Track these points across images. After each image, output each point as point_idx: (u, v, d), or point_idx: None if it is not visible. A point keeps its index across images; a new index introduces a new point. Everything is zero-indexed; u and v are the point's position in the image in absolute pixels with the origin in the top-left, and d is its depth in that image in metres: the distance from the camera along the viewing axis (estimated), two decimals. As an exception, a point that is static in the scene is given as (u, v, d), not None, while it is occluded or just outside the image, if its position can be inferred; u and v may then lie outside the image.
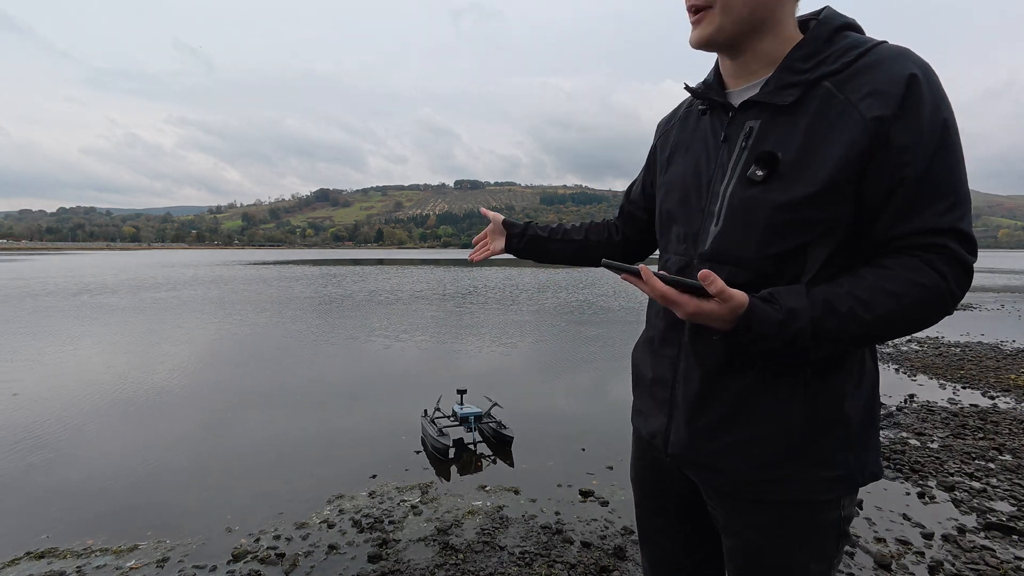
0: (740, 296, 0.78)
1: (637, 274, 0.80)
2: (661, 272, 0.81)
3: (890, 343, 8.81)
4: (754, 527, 0.95)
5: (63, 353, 8.07)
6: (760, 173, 0.85)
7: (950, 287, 0.79)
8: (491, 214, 1.45)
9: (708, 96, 0.98)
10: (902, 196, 0.79)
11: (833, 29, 0.87)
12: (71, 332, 9.90)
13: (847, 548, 2.78)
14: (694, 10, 0.89)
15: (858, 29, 0.88)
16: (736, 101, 0.93)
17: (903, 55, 0.81)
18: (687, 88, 1.04)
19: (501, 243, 1.42)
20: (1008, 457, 3.95)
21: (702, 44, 0.91)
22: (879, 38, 0.85)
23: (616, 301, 15.14)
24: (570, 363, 7.69)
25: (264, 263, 46.76)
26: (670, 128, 1.12)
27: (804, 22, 0.92)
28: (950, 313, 0.82)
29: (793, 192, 0.83)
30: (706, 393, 0.94)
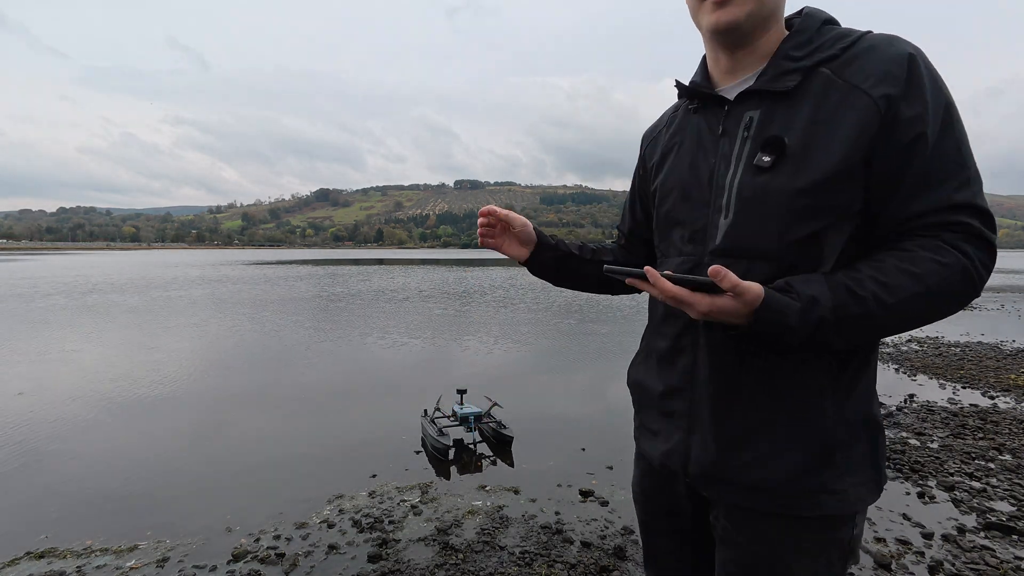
0: (755, 288, 0.75)
1: (643, 276, 0.77)
2: (667, 272, 0.77)
3: (890, 343, 8.81)
4: (763, 541, 0.89)
5: (71, 352, 8.07)
6: (767, 159, 0.83)
7: (974, 265, 0.75)
8: (518, 218, 1.15)
9: (700, 92, 0.96)
10: (916, 172, 0.77)
11: (820, 22, 0.88)
12: (81, 331, 9.91)
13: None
14: None
15: (838, 24, 0.90)
16: (731, 95, 0.91)
17: (896, 39, 0.81)
18: (678, 84, 1.01)
19: (521, 251, 1.18)
20: (1008, 457, 3.96)
21: (731, 26, 0.86)
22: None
23: (617, 300, 15.14)
24: (570, 363, 7.69)
25: (266, 263, 46.76)
26: (657, 135, 1.10)
27: (788, 20, 0.93)
28: (977, 294, 0.78)
29: (805, 176, 0.81)
30: (732, 400, 0.88)
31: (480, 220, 1.16)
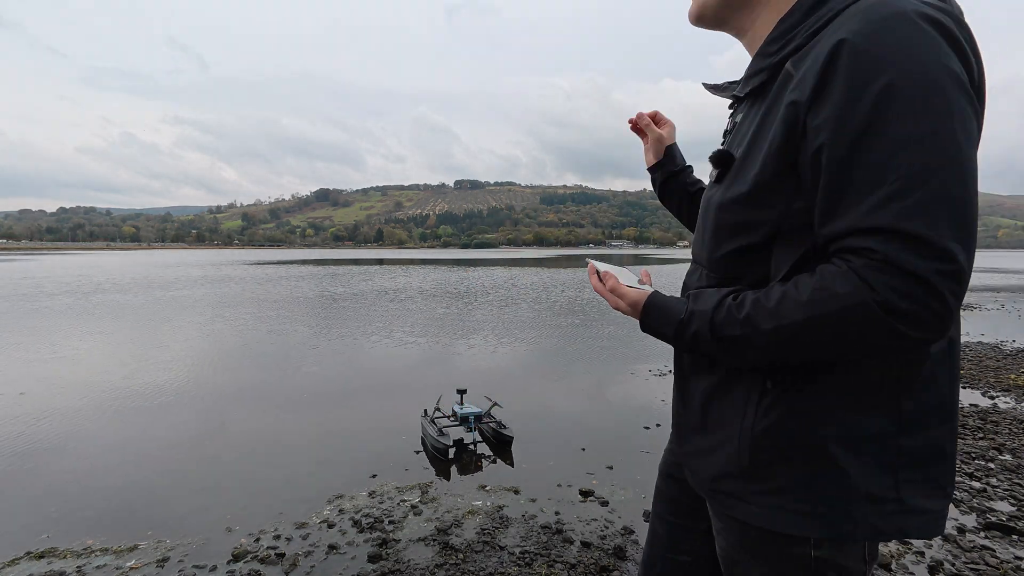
0: (636, 294, 0.84)
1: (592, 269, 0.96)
2: (599, 261, 0.93)
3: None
4: (725, 536, 0.89)
5: (75, 352, 8.07)
6: (715, 172, 0.85)
7: (883, 299, 0.61)
8: (655, 134, 1.26)
9: (720, 92, 0.95)
10: (825, 190, 0.67)
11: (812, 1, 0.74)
12: (86, 331, 9.91)
13: None
14: None
15: None
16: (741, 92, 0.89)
17: (862, 14, 0.65)
18: (705, 86, 0.99)
19: (649, 158, 1.28)
20: (1008, 457, 3.95)
21: (694, 20, 0.90)
22: None
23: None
24: (570, 363, 7.69)
25: (267, 263, 46.75)
26: None
27: None
28: (898, 334, 0.63)
29: (732, 191, 0.79)
30: (681, 395, 0.95)
31: (633, 120, 1.28)
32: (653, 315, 0.82)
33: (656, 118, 1.25)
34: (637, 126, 1.28)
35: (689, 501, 1.06)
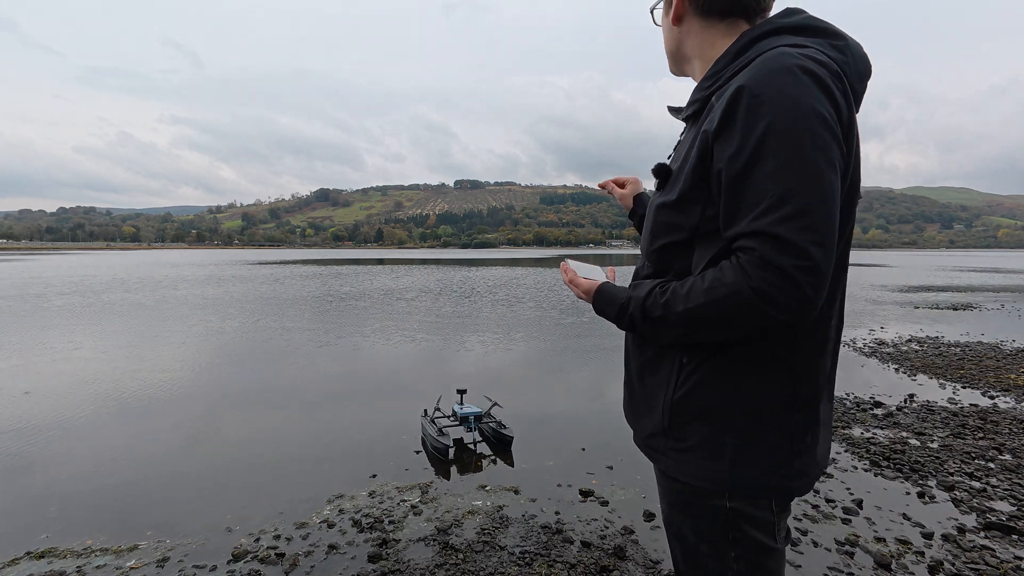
0: (588, 284, 1.07)
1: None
2: (575, 260, 1.14)
3: (890, 343, 8.81)
4: (663, 497, 1.09)
5: (81, 350, 8.08)
6: (656, 181, 1.03)
7: (759, 287, 0.79)
8: (613, 187, 1.49)
9: (676, 114, 1.13)
10: (724, 202, 0.86)
11: (751, 39, 0.93)
12: (93, 330, 9.91)
13: (847, 549, 2.77)
14: None
15: (777, 34, 0.92)
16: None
17: (759, 65, 0.85)
18: (668, 109, 1.17)
19: (627, 203, 1.47)
20: (1008, 457, 3.96)
21: (671, 71, 1.15)
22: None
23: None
24: (571, 363, 7.69)
25: (270, 263, 46.73)
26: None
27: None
28: (769, 316, 0.80)
29: (665, 197, 0.99)
30: (628, 366, 1.14)
31: (601, 185, 1.51)
32: (600, 300, 1.03)
33: (618, 181, 1.48)
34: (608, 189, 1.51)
35: None
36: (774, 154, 0.80)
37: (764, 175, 0.80)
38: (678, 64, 1.11)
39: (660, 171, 1.02)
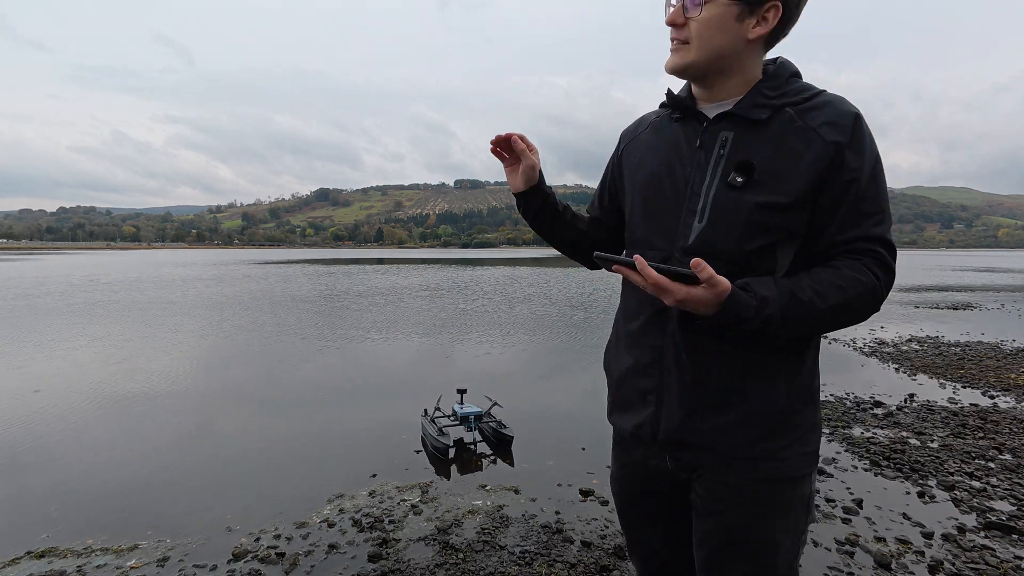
0: (725, 282, 0.89)
1: (632, 265, 0.89)
2: (653, 263, 0.89)
3: (891, 342, 8.81)
4: (737, 506, 1.05)
5: (94, 349, 8.07)
6: (740, 179, 0.99)
7: (881, 286, 0.96)
8: (530, 161, 1.21)
9: (685, 105, 1.09)
10: (848, 208, 0.96)
11: (789, 74, 1.05)
12: (100, 329, 9.90)
13: (847, 548, 2.78)
14: (676, 41, 1.03)
15: (801, 78, 1.07)
16: (711, 114, 1.06)
17: (845, 100, 1.00)
18: (669, 94, 1.14)
19: (517, 183, 1.24)
20: (1008, 456, 3.96)
21: (675, 72, 1.06)
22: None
23: (614, 299, 15.13)
24: (571, 362, 7.69)
25: (269, 263, 46.72)
26: (638, 135, 1.22)
27: (765, 64, 1.08)
28: (878, 309, 0.98)
29: (768, 198, 0.97)
30: (699, 376, 1.04)
31: (501, 138, 1.20)
32: (733, 305, 0.91)
33: (526, 142, 1.20)
34: (502, 148, 1.22)
35: (671, 500, 1.19)
36: (882, 175, 0.99)
37: (878, 191, 0.97)
38: (703, 70, 1.03)
39: (748, 167, 0.99)
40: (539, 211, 1.28)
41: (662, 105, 1.18)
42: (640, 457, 1.19)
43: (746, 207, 0.98)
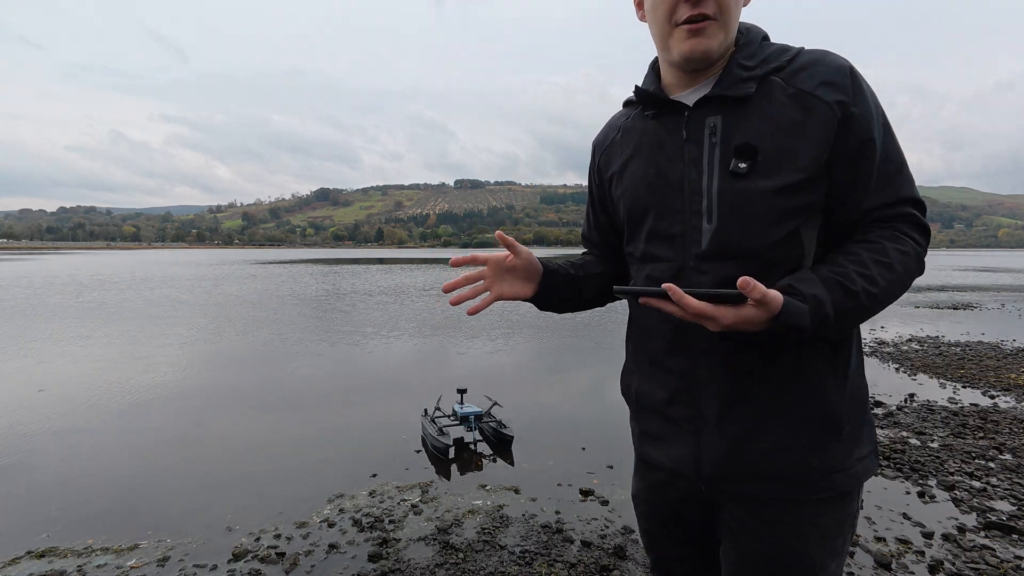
0: (778, 296, 0.76)
1: (662, 295, 0.76)
2: (691, 289, 0.77)
3: (890, 342, 8.81)
4: (785, 529, 0.91)
5: (99, 348, 8.07)
6: (743, 165, 0.87)
7: (923, 249, 0.89)
8: (517, 245, 1.01)
9: (659, 98, 0.96)
10: (869, 171, 0.86)
11: (760, 37, 0.95)
12: (106, 329, 9.90)
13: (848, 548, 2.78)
14: (699, 18, 0.85)
15: (769, 39, 0.97)
16: (689, 102, 0.93)
17: (830, 53, 0.90)
18: (637, 90, 1.01)
19: (525, 289, 1.06)
20: (1008, 456, 3.95)
21: (704, 57, 0.89)
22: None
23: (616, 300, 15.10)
24: (570, 363, 7.69)
25: (269, 262, 46.73)
26: (610, 143, 1.09)
27: None
28: (923, 272, 0.90)
29: (782, 179, 0.85)
30: (736, 398, 0.90)
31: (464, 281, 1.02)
32: (789, 310, 0.77)
33: (508, 243, 1.00)
34: (469, 279, 1.05)
35: (703, 521, 1.03)
36: (891, 128, 0.89)
37: (894, 144, 0.88)
38: (725, 51, 0.91)
39: (750, 150, 0.87)
40: (560, 293, 1.11)
41: (627, 103, 1.07)
42: (669, 478, 1.04)
43: (758, 195, 0.86)
